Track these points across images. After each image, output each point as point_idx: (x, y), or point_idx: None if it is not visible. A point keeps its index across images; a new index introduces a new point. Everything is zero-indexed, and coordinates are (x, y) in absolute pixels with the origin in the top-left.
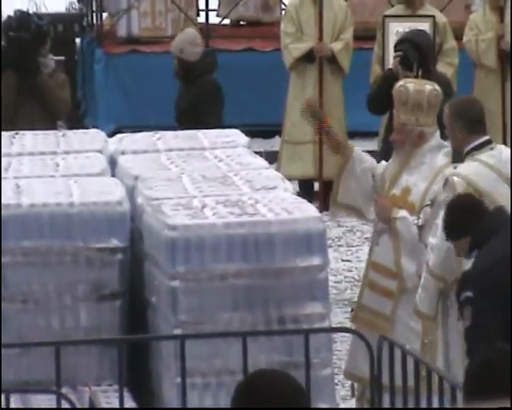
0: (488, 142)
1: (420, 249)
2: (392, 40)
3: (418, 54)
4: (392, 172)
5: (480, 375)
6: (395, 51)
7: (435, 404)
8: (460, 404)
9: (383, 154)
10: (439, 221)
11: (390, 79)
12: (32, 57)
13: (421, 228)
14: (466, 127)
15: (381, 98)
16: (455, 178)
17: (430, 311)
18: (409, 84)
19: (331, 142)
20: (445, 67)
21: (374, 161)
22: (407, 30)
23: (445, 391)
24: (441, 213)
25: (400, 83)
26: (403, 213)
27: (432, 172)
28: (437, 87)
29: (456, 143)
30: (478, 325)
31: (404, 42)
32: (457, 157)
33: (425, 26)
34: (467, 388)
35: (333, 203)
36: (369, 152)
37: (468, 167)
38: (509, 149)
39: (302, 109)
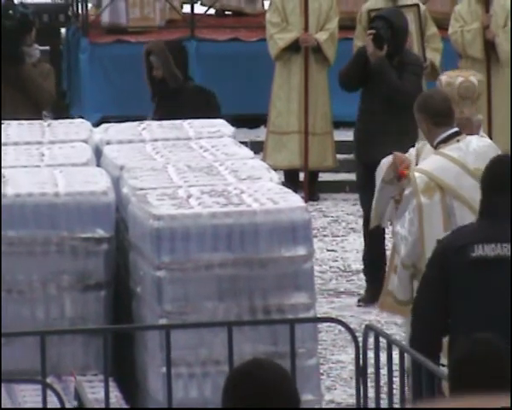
0: (455, 134)
1: None
2: None
3: (391, 32)
4: None
5: (463, 365)
6: (369, 28)
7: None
8: (446, 394)
9: (360, 143)
10: (407, 214)
11: (362, 55)
12: (16, 46)
13: None
14: (430, 120)
15: (353, 74)
16: (416, 174)
17: (405, 297)
18: (471, 78)
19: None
20: (431, 53)
21: None
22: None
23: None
24: (409, 207)
25: (459, 79)
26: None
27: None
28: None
29: (426, 136)
30: (414, 301)
31: (379, 19)
32: None
33: (409, 15)
34: (450, 380)
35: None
36: (353, 142)
37: (431, 161)
38: (480, 140)
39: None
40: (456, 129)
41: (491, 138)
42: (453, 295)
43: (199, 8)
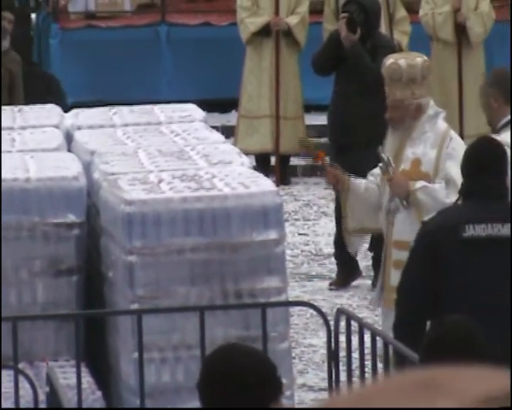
0: None
1: None
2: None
3: (364, 16)
4: (394, 150)
5: (434, 347)
6: (342, 12)
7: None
8: None
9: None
10: None
11: (335, 39)
12: None
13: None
14: (502, 97)
15: (326, 58)
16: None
17: None
18: (400, 61)
19: (328, 176)
20: (399, 36)
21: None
22: None
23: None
24: None
25: (390, 60)
26: (420, 183)
27: (438, 138)
28: (425, 57)
29: (490, 114)
30: (400, 281)
31: (352, 3)
32: None
33: None
34: (421, 360)
35: (347, 237)
36: (324, 126)
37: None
38: None
39: (298, 146)
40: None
41: (461, 121)
42: (443, 275)
43: None
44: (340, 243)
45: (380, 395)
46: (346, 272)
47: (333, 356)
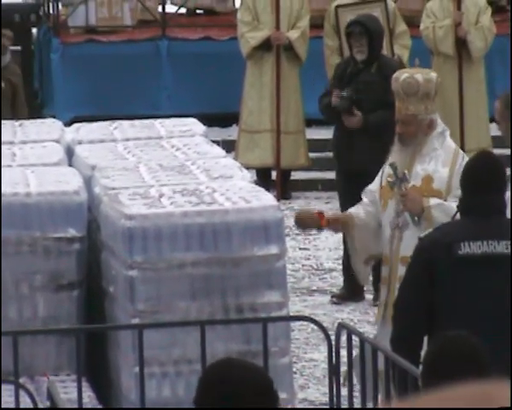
0: None
1: None
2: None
3: (367, 37)
4: (403, 165)
5: (436, 362)
6: (346, 33)
7: (393, 392)
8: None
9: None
10: None
11: (332, 110)
12: None
13: None
14: None
15: (329, 116)
16: None
17: None
18: (416, 75)
19: (334, 228)
20: (400, 50)
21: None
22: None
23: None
24: None
25: (405, 75)
26: (435, 200)
27: (449, 156)
28: (436, 75)
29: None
30: (397, 297)
31: (355, 25)
32: None
33: (376, 11)
34: (424, 376)
35: (358, 271)
36: (325, 140)
37: None
38: None
39: (296, 223)
40: None
41: (462, 135)
42: (439, 292)
43: (170, 8)
44: (346, 257)
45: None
46: (352, 287)
47: (334, 371)
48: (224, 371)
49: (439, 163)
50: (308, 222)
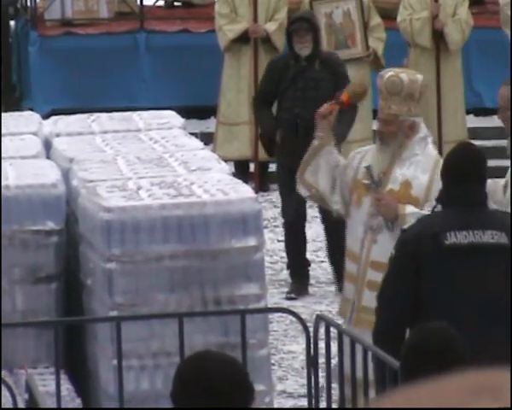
0: None
1: None
2: (322, 22)
3: (313, 34)
4: (382, 166)
5: (415, 354)
6: (292, 30)
7: (372, 385)
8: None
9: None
10: None
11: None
12: None
13: None
14: None
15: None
16: None
17: None
18: (401, 75)
19: (324, 126)
20: (375, 43)
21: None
22: (334, 10)
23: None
24: None
25: (390, 73)
26: (411, 208)
27: (430, 163)
28: (422, 77)
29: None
30: (381, 289)
31: (301, 21)
32: None
33: (351, 4)
34: (402, 367)
35: (300, 178)
36: None
37: None
38: None
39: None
40: None
41: (440, 128)
42: (425, 283)
43: (148, 0)
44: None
45: (435, 398)
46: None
47: (312, 362)
48: (200, 365)
49: (419, 169)
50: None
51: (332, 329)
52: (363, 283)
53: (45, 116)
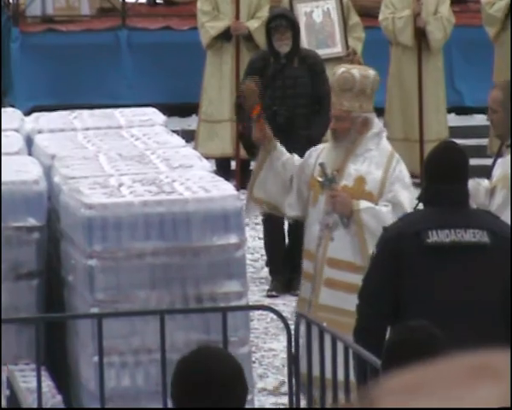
0: None
1: None
2: (302, 21)
3: (292, 31)
4: (336, 163)
5: (396, 351)
6: (269, 27)
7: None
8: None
9: None
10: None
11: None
12: None
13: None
14: None
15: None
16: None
17: None
18: (353, 70)
19: (257, 129)
20: (354, 42)
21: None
22: (314, 10)
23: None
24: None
25: (342, 69)
26: (365, 203)
27: (384, 159)
28: (375, 72)
29: (501, 128)
30: (362, 287)
31: (279, 18)
32: None
33: (330, 3)
34: (383, 364)
35: (248, 198)
36: None
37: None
38: None
39: (242, 91)
40: None
41: (421, 126)
42: (406, 281)
43: None
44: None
45: (435, 382)
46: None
47: (293, 360)
48: (202, 364)
49: (373, 165)
50: (250, 99)
51: (313, 327)
52: (320, 281)
53: (26, 113)
